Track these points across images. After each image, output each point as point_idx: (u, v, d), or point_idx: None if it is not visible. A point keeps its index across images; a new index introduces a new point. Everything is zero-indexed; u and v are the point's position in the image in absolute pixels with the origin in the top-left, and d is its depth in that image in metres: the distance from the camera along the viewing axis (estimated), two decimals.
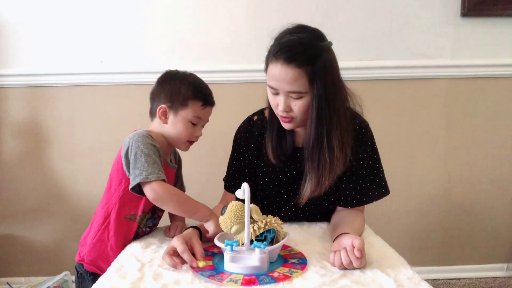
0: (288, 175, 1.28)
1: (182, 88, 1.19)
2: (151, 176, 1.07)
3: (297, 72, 1.07)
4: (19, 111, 2.02)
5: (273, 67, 1.10)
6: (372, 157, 1.25)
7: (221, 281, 0.88)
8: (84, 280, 1.22)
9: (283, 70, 1.07)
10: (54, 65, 1.98)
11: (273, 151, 1.25)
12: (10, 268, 2.12)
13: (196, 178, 2.03)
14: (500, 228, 2.18)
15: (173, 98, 1.19)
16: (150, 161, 1.09)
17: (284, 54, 1.07)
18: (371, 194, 1.24)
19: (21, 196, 2.07)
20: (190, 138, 1.22)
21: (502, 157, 2.12)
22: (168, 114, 1.20)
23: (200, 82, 1.24)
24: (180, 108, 1.19)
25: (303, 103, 1.11)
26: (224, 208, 1.00)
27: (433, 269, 2.19)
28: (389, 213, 2.11)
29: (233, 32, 1.98)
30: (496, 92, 2.07)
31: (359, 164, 1.22)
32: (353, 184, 1.23)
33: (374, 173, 1.25)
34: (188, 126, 1.20)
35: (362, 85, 2.05)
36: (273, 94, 1.14)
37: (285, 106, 1.11)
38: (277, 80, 1.10)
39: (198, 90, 1.21)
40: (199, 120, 1.22)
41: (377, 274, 0.91)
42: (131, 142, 1.13)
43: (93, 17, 1.96)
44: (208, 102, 1.22)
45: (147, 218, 1.21)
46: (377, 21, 1.99)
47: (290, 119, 1.15)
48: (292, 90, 1.09)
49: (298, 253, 1.03)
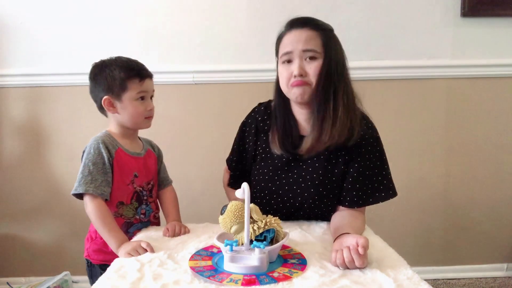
0: (286, 164, 1.27)
1: (114, 73, 1.21)
2: (79, 188, 1.14)
3: (312, 33, 1.17)
4: (19, 111, 2.03)
5: (287, 36, 1.19)
6: (380, 158, 1.25)
7: (221, 281, 0.88)
8: (94, 268, 1.28)
9: (298, 32, 1.17)
10: (54, 65, 1.98)
11: (280, 140, 1.26)
12: (10, 268, 2.12)
13: (197, 178, 2.04)
14: (500, 228, 2.18)
15: (110, 86, 1.22)
16: (85, 172, 1.15)
17: (298, 22, 1.19)
18: (378, 195, 1.23)
19: (21, 196, 2.07)
20: (144, 114, 1.24)
21: (502, 157, 2.12)
22: (113, 103, 1.22)
23: (128, 60, 1.25)
24: (121, 92, 1.21)
25: (317, 65, 1.17)
26: (224, 207, 1.00)
27: (433, 269, 2.19)
28: (389, 213, 2.11)
29: (233, 32, 1.98)
30: (496, 92, 2.07)
31: (365, 164, 1.22)
32: (359, 184, 1.23)
33: (382, 174, 1.24)
34: (137, 104, 1.22)
35: (362, 85, 2.04)
36: (286, 64, 1.19)
37: (300, 69, 1.16)
38: (292, 42, 1.17)
39: (130, 68, 1.22)
40: (145, 93, 1.23)
41: (377, 274, 0.91)
42: (85, 148, 1.21)
43: (93, 17, 1.96)
44: (144, 76, 1.23)
45: (135, 207, 1.23)
46: (377, 21, 1.99)
47: (303, 82, 1.17)
48: (307, 48, 1.16)
49: (298, 253, 1.03)
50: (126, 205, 1.24)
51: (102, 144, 1.19)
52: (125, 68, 1.21)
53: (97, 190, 1.14)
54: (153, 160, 1.33)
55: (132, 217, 1.25)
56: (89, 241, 1.29)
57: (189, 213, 1.35)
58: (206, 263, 0.97)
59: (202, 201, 1.94)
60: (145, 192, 1.28)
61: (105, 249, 1.23)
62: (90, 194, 1.14)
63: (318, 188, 1.24)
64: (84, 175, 1.15)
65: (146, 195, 1.28)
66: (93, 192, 1.14)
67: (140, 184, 1.26)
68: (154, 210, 1.32)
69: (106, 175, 1.17)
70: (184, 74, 1.99)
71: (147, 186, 1.29)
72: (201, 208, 1.49)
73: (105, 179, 1.17)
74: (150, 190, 1.30)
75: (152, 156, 1.34)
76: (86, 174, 1.15)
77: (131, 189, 1.23)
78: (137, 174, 1.25)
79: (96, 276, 1.15)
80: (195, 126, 2.04)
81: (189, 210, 1.35)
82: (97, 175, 1.15)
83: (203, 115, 2.03)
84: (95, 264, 1.28)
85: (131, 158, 1.25)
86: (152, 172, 1.32)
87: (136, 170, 1.25)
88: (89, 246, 1.28)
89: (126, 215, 1.24)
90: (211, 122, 2.04)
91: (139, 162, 1.27)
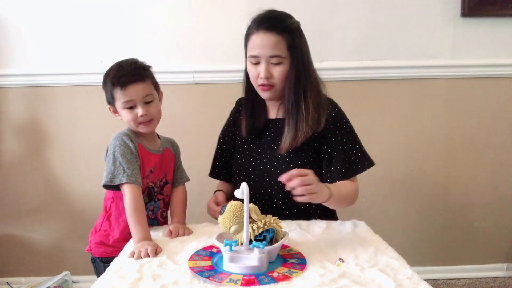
0: (260, 149, 1.36)
1: (107, 83, 1.23)
2: (115, 180, 1.16)
3: (278, 38, 1.23)
4: (19, 111, 2.03)
5: (255, 37, 1.25)
6: (350, 133, 1.33)
7: (221, 281, 0.88)
8: (96, 262, 1.29)
9: (265, 36, 1.23)
10: (54, 65, 1.98)
11: (247, 124, 1.37)
12: (10, 268, 2.12)
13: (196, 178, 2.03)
14: (500, 228, 2.18)
15: (107, 96, 1.25)
16: (116, 164, 1.18)
17: (264, 24, 1.24)
18: (355, 167, 1.31)
19: (21, 196, 2.07)
20: (137, 121, 1.23)
21: (502, 157, 2.12)
22: (115, 110, 1.25)
23: (116, 69, 1.22)
24: (113, 102, 1.23)
25: (283, 69, 1.25)
26: (223, 207, 1.00)
27: (433, 269, 2.19)
28: (389, 213, 2.11)
29: (233, 32, 1.97)
30: (496, 92, 2.06)
31: (337, 140, 1.30)
32: (335, 159, 1.30)
33: (355, 147, 1.32)
34: (126, 112, 1.22)
35: (362, 85, 2.07)
36: (254, 65, 1.27)
37: (266, 73, 1.24)
38: (259, 47, 1.24)
39: (113, 77, 1.21)
40: (131, 102, 1.21)
41: (377, 274, 0.91)
42: (108, 146, 1.23)
43: (93, 17, 1.96)
44: (124, 83, 1.19)
45: (145, 202, 1.24)
46: (377, 21, 1.99)
47: (270, 87, 1.27)
48: (273, 54, 1.23)
49: (297, 253, 1.03)
50: None
51: (127, 137, 1.21)
52: (111, 77, 1.21)
53: (132, 178, 1.16)
54: (170, 159, 1.34)
55: None
56: (93, 233, 1.30)
57: (189, 213, 1.35)
58: (205, 263, 0.97)
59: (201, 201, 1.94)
60: (156, 189, 1.29)
61: (106, 241, 1.25)
62: (126, 183, 1.16)
63: (289, 164, 1.30)
64: (116, 166, 1.17)
65: (157, 192, 1.29)
66: (128, 180, 1.15)
67: (153, 180, 1.27)
68: (161, 208, 1.32)
69: (136, 163, 1.20)
70: (184, 74, 1.99)
71: (159, 183, 1.30)
72: (200, 208, 1.49)
73: (135, 167, 1.19)
74: (161, 187, 1.31)
75: (170, 155, 1.35)
76: (118, 165, 1.17)
77: (144, 184, 1.24)
78: (153, 170, 1.26)
79: (100, 271, 1.17)
80: (195, 126, 2.04)
81: (188, 210, 1.35)
82: (127, 163, 1.17)
83: (203, 115, 2.03)
84: (96, 259, 1.28)
85: (150, 154, 1.26)
86: (167, 170, 1.32)
87: (152, 165, 1.26)
88: (92, 238, 1.29)
89: None
90: (211, 122, 2.03)
91: (156, 159, 1.28)
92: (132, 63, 1.23)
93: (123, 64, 1.23)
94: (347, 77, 2.01)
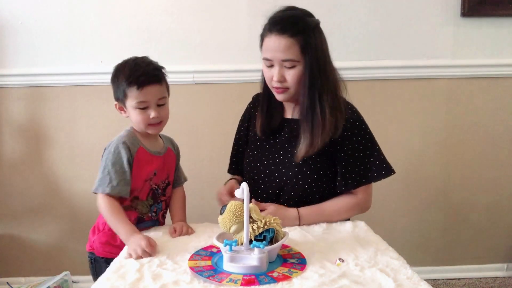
0: (274, 149, 1.33)
1: (119, 80, 1.19)
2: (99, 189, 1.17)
3: (290, 41, 1.18)
4: (19, 111, 2.03)
5: (268, 39, 1.22)
6: (368, 139, 1.29)
7: (221, 281, 0.88)
8: (98, 263, 1.26)
9: (277, 40, 1.19)
10: (54, 65, 1.98)
11: (262, 123, 1.34)
12: (10, 268, 2.12)
13: (196, 178, 2.03)
14: (500, 228, 2.18)
15: (117, 93, 1.22)
16: (105, 172, 1.17)
17: (277, 26, 1.20)
18: (370, 175, 1.27)
19: (21, 196, 2.07)
20: (147, 122, 1.21)
21: (502, 157, 2.12)
22: (122, 107, 1.23)
23: (132, 66, 1.19)
24: (124, 100, 1.20)
25: (296, 72, 1.21)
26: (223, 207, 1.00)
27: (433, 269, 2.19)
28: (389, 213, 2.11)
29: (233, 32, 1.98)
30: (496, 92, 2.06)
31: (354, 147, 1.27)
32: (351, 167, 1.27)
33: (374, 154, 1.28)
34: (137, 113, 1.19)
35: (362, 85, 2.07)
36: (268, 67, 1.24)
37: (279, 76, 1.21)
38: (271, 51, 1.21)
39: (130, 75, 1.17)
40: (145, 103, 1.18)
41: (377, 274, 0.91)
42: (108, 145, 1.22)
43: (93, 17, 1.96)
44: (142, 83, 1.16)
45: (150, 204, 1.24)
46: (377, 21, 1.99)
47: (283, 90, 1.24)
48: (286, 58, 1.19)
49: (297, 253, 1.03)
50: (142, 201, 1.24)
51: (123, 145, 1.19)
52: (127, 75, 1.17)
53: (114, 191, 1.16)
54: (172, 159, 1.34)
55: (145, 213, 1.26)
56: (95, 233, 1.28)
57: (189, 213, 1.35)
58: (205, 263, 0.97)
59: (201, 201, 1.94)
60: (160, 191, 1.28)
61: (113, 242, 1.23)
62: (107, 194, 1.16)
63: (301, 167, 1.27)
64: (104, 175, 1.17)
65: (160, 194, 1.29)
66: (110, 192, 1.16)
67: (157, 182, 1.27)
68: (163, 209, 1.32)
69: (124, 174, 1.18)
70: (184, 74, 1.98)
71: (162, 184, 1.29)
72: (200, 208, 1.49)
73: (122, 178, 1.18)
74: (164, 188, 1.30)
75: (172, 155, 1.34)
76: (106, 174, 1.17)
77: (148, 186, 1.24)
78: (156, 172, 1.26)
79: (100, 271, 1.16)
80: (195, 126, 2.04)
81: (188, 210, 1.36)
82: (114, 174, 1.17)
83: (203, 115, 2.03)
84: (99, 259, 1.26)
85: (152, 157, 1.25)
86: (169, 170, 1.32)
87: (156, 168, 1.25)
88: (96, 238, 1.26)
89: (140, 210, 1.24)
90: (211, 122, 2.04)
91: (158, 161, 1.27)
92: (148, 63, 1.21)
93: (139, 63, 1.20)
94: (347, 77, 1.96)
